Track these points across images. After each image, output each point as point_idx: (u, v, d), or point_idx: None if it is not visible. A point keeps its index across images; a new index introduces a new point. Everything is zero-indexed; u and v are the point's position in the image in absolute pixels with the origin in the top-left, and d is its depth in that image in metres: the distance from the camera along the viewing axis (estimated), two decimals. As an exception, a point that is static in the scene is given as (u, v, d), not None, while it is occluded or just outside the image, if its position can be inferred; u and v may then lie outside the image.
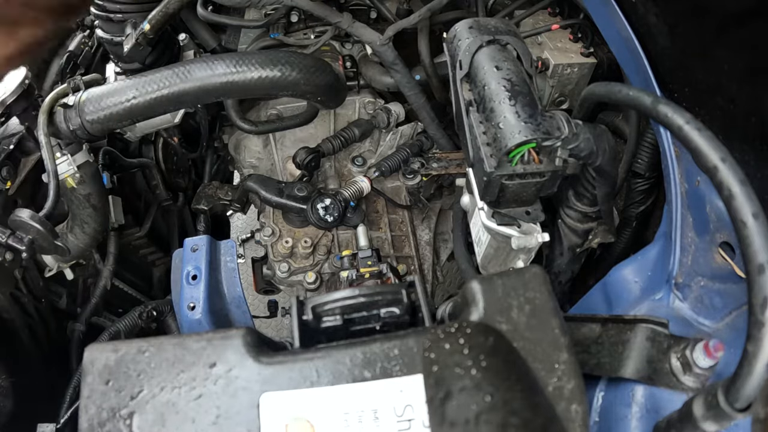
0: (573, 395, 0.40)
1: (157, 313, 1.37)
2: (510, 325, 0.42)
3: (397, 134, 1.13)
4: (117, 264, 1.30)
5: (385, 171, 1.06)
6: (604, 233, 0.84)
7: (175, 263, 1.12)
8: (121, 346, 0.42)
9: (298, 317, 0.47)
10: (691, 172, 0.60)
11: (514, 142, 0.61)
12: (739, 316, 0.52)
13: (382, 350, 0.40)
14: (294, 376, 0.40)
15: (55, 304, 1.19)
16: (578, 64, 0.94)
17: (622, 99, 0.55)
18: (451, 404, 0.37)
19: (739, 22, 0.51)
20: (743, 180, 0.40)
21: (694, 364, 0.46)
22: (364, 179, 1.07)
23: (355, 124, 1.10)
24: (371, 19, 1.14)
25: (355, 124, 1.10)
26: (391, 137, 1.14)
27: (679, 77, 0.61)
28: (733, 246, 0.54)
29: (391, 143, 1.14)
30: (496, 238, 0.72)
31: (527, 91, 0.65)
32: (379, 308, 0.47)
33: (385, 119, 1.11)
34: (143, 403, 0.40)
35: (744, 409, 0.38)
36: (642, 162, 0.79)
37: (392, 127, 1.13)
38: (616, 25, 0.69)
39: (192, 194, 1.41)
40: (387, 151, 1.15)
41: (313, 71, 0.93)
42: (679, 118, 0.46)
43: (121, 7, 1.00)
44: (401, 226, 1.16)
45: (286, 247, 1.07)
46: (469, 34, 0.71)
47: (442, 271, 1.19)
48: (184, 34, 1.07)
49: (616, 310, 0.65)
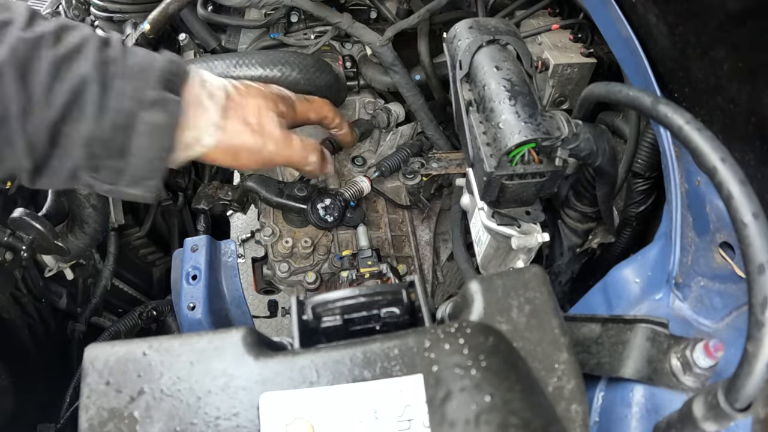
0: (573, 395, 0.40)
1: (157, 313, 1.38)
2: (510, 325, 0.42)
3: (397, 134, 1.14)
4: (117, 264, 1.31)
5: (385, 171, 1.06)
6: (604, 233, 0.84)
7: (175, 263, 1.12)
8: (121, 346, 0.42)
9: (298, 317, 0.47)
10: (691, 172, 0.60)
11: (514, 142, 0.61)
12: (739, 316, 0.52)
13: (382, 350, 0.40)
14: (294, 376, 0.40)
15: (55, 304, 1.19)
16: (578, 64, 0.94)
17: (622, 99, 0.55)
18: (451, 404, 0.37)
19: (739, 22, 0.51)
20: (743, 180, 0.40)
21: (694, 364, 0.46)
22: (364, 179, 1.07)
23: (355, 124, 1.10)
24: (371, 19, 1.14)
25: (356, 124, 1.10)
26: (391, 137, 1.14)
27: (679, 77, 0.61)
28: (733, 246, 0.54)
29: (391, 143, 1.14)
30: (496, 238, 0.72)
31: (527, 91, 0.65)
32: (379, 308, 0.47)
33: (385, 119, 1.11)
34: (143, 403, 0.40)
35: (744, 409, 0.38)
36: (642, 162, 0.79)
37: (392, 127, 1.14)
38: (616, 25, 0.69)
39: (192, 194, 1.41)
40: (387, 151, 1.15)
41: (313, 71, 0.93)
42: (679, 118, 0.46)
43: (121, 7, 1.00)
44: (401, 226, 1.16)
45: (286, 247, 1.07)
46: (469, 34, 0.71)
47: (442, 271, 1.19)
48: (184, 34, 1.07)
49: (616, 310, 0.65)
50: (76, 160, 0.60)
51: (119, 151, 0.61)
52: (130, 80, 0.60)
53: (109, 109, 0.59)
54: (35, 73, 0.56)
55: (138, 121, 0.60)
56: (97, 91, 0.58)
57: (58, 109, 0.57)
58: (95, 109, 0.58)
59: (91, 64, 0.59)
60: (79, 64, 0.58)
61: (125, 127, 0.60)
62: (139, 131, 0.61)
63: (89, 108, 0.58)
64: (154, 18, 0.93)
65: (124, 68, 0.60)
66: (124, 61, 0.61)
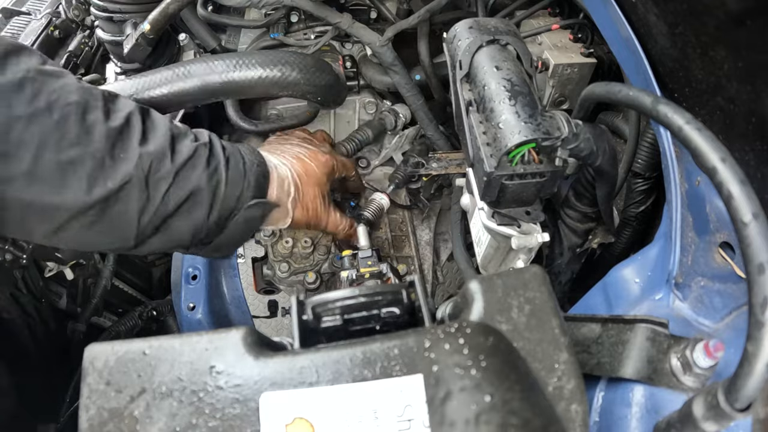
0: (573, 395, 0.40)
1: (157, 313, 1.37)
2: (510, 325, 0.42)
3: (403, 136, 1.13)
4: (117, 264, 1.30)
5: (400, 183, 1.05)
6: (604, 233, 0.84)
7: (175, 263, 1.12)
8: (121, 346, 0.42)
9: (298, 317, 0.47)
10: (691, 172, 0.60)
11: (514, 142, 0.61)
12: (739, 316, 0.52)
13: (382, 350, 0.40)
14: (294, 375, 0.40)
15: (55, 304, 1.19)
16: (578, 64, 0.94)
17: (622, 99, 0.55)
18: (451, 404, 0.37)
19: (739, 22, 0.51)
20: (743, 180, 0.40)
21: (694, 364, 0.46)
22: (383, 196, 1.07)
23: (368, 125, 1.09)
24: (371, 19, 1.14)
25: (368, 125, 1.09)
26: (396, 140, 1.13)
27: (679, 77, 0.61)
28: (733, 246, 0.54)
29: (396, 145, 1.14)
30: (496, 238, 0.72)
31: (527, 91, 0.65)
32: (379, 308, 0.47)
33: (392, 121, 1.11)
34: (143, 403, 0.40)
35: (744, 409, 0.38)
36: (642, 162, 0.79)
37: (398, 130, 1.13)
38: (616, 25, 0.69)
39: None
40: (391, 153, 1.14)
41: (314, 71, 0.93)
42: (679, 118, 0.46)
43: (121, 7, 1.00)
44: (401, 226, 1.16)
45: (286, 247, 1.07)
46: (469, 34, 0.71)
47: (442, 271, 1.19)
48: (184, 34, 1.07)
49: (616, 310, 0.65)
50: (179, 242, 0.74)
51: (217, 234, 0.77)
52: (233, 186, 0.76)
53: (216, 210, 0.74)
54: (158, 183, 0.69)
55: (238, 215, 0.77)
56: (208, 196, 0.73)
57: (172, 208, 0.70)
58: (206, 209, 0.73)
59: (203, 175, 0.73)
60: (193, 175, 0.72)
61: (226, 219, 0.76)
62: (237, 221, 0.77)
63: (200, 209, 0.73)
64: (154, 18, 0.93)
65: (227, 176, 0.75)
66: (227, 170, 0.76)
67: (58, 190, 0.62)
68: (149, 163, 0.68)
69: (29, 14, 1.23)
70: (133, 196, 0.67)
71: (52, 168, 0.61)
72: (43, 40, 1.14)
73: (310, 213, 0.89)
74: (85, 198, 0.63)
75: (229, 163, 0.77)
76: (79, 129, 0.64)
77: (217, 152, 0.77)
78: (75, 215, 0.64)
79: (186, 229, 0.73)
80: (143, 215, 0.68)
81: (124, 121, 0.69)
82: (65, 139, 0.62)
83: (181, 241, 0.74)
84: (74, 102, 0.65)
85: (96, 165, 0.64)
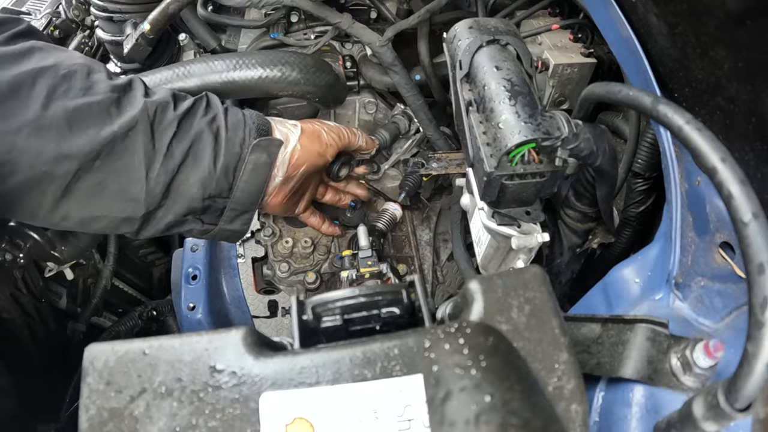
0: (573, 395, 0.40)
1: (157, 313, 1.38)
2: (510, 325, 0.42)
3: (411, 141, 1.13)
4: (117, 264, 1.31)
5: (410, 191, 1.05)
6: (604, 233, 0.84)
7: (175, 263, 1.12)
8: (121, 346, 0.42)
9: (298, 317, 0.47)
10: (691, 172, 0.60)
11: (514, 142, 0.61)
12: (739, 316, 0.52)
13: (382, 350, 0.40)
14: (294, 375, 0.40)
15: (55, 304, 1.19)
16: (578, 64, 0.94)
17: (622, 99, 0.55)
18: (451, 404, 0.37)
19: (739, 22, 0.51)
20: (743, 180, 0.40)
21: (694, 364, 0.46)
22: (396, 206, 1.06)
23: (385, 129, 1.08)
24: (371, 19, 1.14)
25: (385, 128, 1.08)
26: (408, 144, 1.13)
27: (679, 77, 0.61)
28: (733, 246, 0.54)
29: (407, 149, 1.13)
30: (496, 238, 0.72)
31: (527, 91, 0.65)
32: (379, 308, 0.47)
33: (406, 125, 1.10)
34: (143, 403, 0.40)
35: (744, 409, 0.38)
36: (642, 162, 0.79)
37: (411, 134, 1.12)
38: (616, 25, 0.69)
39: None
40: (401, 157, 1.14)
41: (314, 71, 0.93)
42: (679, 118, 0.46)
43: (121, 7, 1.00)
44: (401, 226, 1.16)
45: (286, 247, 1.07)
46: (469, 34, 0.71)
47: (442, 271, 1.19)
48: (184, 34, 1.07)
49: (616, 310, 0.65)
50: (190, 202, 0.74)
51: (227, 189, 0.76)
52: (235, 131, 0.76)
53: (221, 155, 0.74)
54: (163, 132, 0.70)
55: (245, 163, 0.76)
56: (210, 141, 0.74)
57: (178, 160, 0.71)
58: (210, 155, 0.73)
59: (203, 121, 0.74)
60: (194, 121, 0.74)
61: (234, 168, 0.76)
62: (245, 170, 0.77)
63: (205, 156, 0.73)
64: (154, 18, 0.93)
65: (227, 121, 0.77)
66: (226, 116, 0.77)
67: (66, 137, 0.64)
68: (154, 110, 0.70)
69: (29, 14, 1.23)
70: (139, 144, 0.68)
71: (59, 116, 0.64)
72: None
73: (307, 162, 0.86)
74: (92, 143, 0.65)
75: (228, 112, 0.79)
76: (85, 83, 0.67)
77: (214, 103, 0.80)
78: (83, 165, 0.65)
79: (194, 182, 0.73)
80: (150, 169, 0.69)
81: (127, 81, 0.73)
82: (72, 90, 0.66)
83: (191, 200, 0.74)
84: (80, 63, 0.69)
85: (102, 112, 0.67)
